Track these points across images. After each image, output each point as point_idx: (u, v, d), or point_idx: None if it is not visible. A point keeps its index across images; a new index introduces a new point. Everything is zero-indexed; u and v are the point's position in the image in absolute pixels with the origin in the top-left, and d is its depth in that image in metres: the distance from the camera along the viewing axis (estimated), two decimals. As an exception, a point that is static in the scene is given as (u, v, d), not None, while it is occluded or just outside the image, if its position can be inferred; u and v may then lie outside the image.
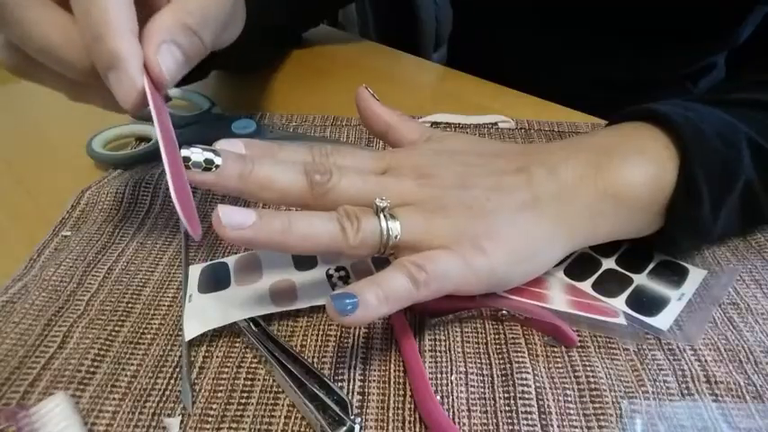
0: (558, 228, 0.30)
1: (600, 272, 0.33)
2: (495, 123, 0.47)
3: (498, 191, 0.30)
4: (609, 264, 0.33)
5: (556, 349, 0.29)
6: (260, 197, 0.28)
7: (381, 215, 0.27)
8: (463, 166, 0.31)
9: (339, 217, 0.27)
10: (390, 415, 0.26)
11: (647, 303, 0.31)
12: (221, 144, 0.29)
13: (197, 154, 0.26)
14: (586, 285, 0.32)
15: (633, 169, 0.31)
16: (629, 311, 0.30)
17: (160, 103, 0.28)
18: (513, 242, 0.29)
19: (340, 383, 0.27)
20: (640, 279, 0.32)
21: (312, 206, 0.28)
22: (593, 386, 0.27)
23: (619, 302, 0.31)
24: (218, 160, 0.27)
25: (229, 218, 0.25)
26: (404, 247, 0.28)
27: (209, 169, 0.26)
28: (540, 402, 0.26)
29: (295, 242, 0.26)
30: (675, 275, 0.33)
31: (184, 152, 0.26)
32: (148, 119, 0.47)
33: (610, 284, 0.32)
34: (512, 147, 0.34)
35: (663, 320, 0.30)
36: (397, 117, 0.34)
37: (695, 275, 0.33)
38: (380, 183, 0.29)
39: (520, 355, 0.29)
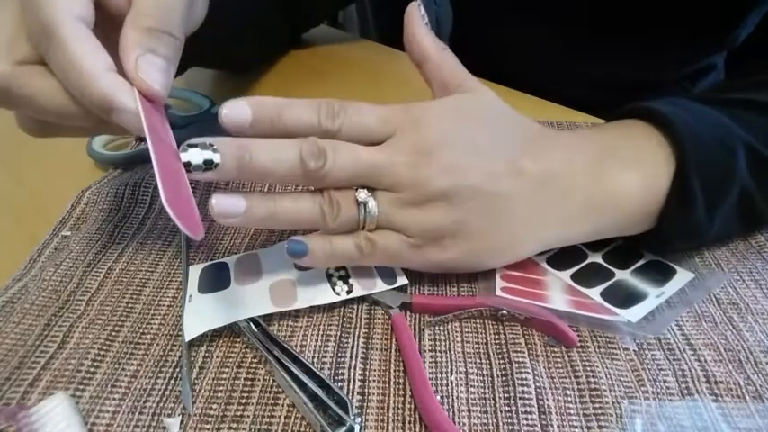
0: (526, 234, 0.31)
1: (583, 264, 0.33)
2: (495, 123, 0.47)
3: (484, 188, 0.29)
4: (595, 257, 0.34)
5: (556, 349, 0.29)
6: (260, 181, 0.31)
7: (362, 206, 0.29)
8: (466, 148, 0.30)
9: (322, 203, 0.29)
10: (390, 415, 0.26)
11: (621, 296, 0.31)
12: (227, 108, 0.28)
13: (196, 156, 0.27)
14: (566, 275, 0.32)
15: (628, 178, 0.31)
16: (601, 301, 0.31)
17: (155, 119, 0.28)
18: (476, 242, 0.30)
19: (340, 383, 0.27)
20: (623, 275, 0.33)
21: (307, 185, 0.30)
22: (593, 386, 0.27)
23: (594, 293, 0.31)
24: (216, 158, 0.27)
25: (221, 207, 0.28)
26: (379, 228, 0.30)
27: (210, 168, 0.27)
28: (540, 402, 0.26)
29: (280, 225, 0.30)
30: (660, 275, 0.33)
31: (184, 157, 0.27)
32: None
33: (589, 276, 0.32)
34: (523, 133, 0.32)
35: (634, 313, 0.30)
36: (439, 52, 0.33)
37: (681, 277, 0.33)
38: (372, 165, 0.29)
39: (520, 355, 0.29)
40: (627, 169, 0.31)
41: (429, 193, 0.29)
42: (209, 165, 0.27)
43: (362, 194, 0.29)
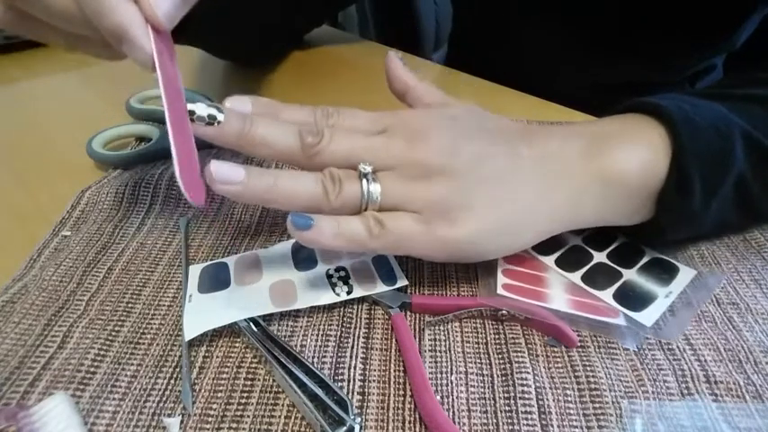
0: (537, 208, 0.30)
1: (590, 265, 0.33)
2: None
3: (486, 164, 0.30)
4: (600, 257, 0.34)
5: (556, 349, 0.29)
6: (256, 153, 0.30)
7: (364, 180, 0.29)
8: (459, 134, 0.31)
9: (323, 179, 0.29)
10: (390, 415, 0.26)
11: (633, 298, 0.31)
12: (230, 101, 0.30)
13: (202, 108, 0.28)
14: (576, 277, 0.32)
15: (626, 156, 0.31)
16: (616, 305, 0.31)
17: (167, 60, 0.28)
18: (487, 217, 0.29)
19: (340, 383, 0.27)
20: (630, 274, 0.33)
21: (304, 165, 0.30)
22: (593, 386, 0.27)
23: (606, 295, 0.31)
24: (220, 116, 0.28)
25: (220, 173, 0.27)
26: (384, 210, 0.29)
27: (212, 124, 0.28)
28: (540, 402, 0.26)
29: (279, 200, 0.28)
30: (665, 273, 0.33)
31: (190, 106, 0.28)
32: (147, 118, 0.47)
33: (599, 277, 0.32)
34: (515, 126, 0.33)
35: (648, 316, 0.30)
36: (417, 80, 0.35)
37: (685, 274, 0.33)
38: (369, 145, 0.30)
39: (520, 355, 0.29)
40: (623, 150, 0.31)
41: (428, 167, 0.29)
42: (212, 119, 0.28)
43: (363, 168, 0.29)
